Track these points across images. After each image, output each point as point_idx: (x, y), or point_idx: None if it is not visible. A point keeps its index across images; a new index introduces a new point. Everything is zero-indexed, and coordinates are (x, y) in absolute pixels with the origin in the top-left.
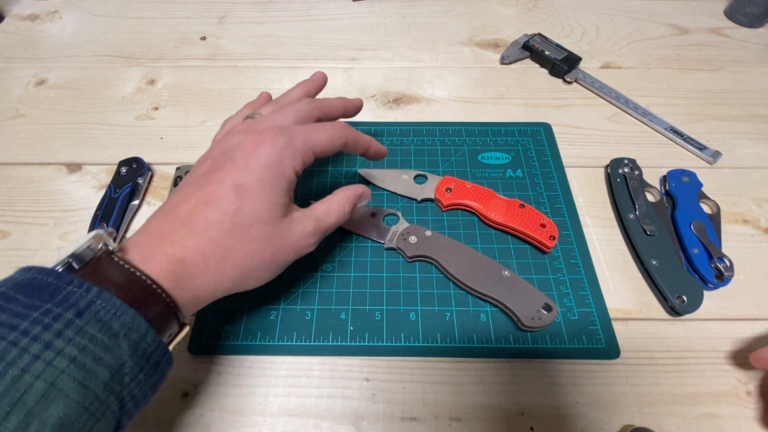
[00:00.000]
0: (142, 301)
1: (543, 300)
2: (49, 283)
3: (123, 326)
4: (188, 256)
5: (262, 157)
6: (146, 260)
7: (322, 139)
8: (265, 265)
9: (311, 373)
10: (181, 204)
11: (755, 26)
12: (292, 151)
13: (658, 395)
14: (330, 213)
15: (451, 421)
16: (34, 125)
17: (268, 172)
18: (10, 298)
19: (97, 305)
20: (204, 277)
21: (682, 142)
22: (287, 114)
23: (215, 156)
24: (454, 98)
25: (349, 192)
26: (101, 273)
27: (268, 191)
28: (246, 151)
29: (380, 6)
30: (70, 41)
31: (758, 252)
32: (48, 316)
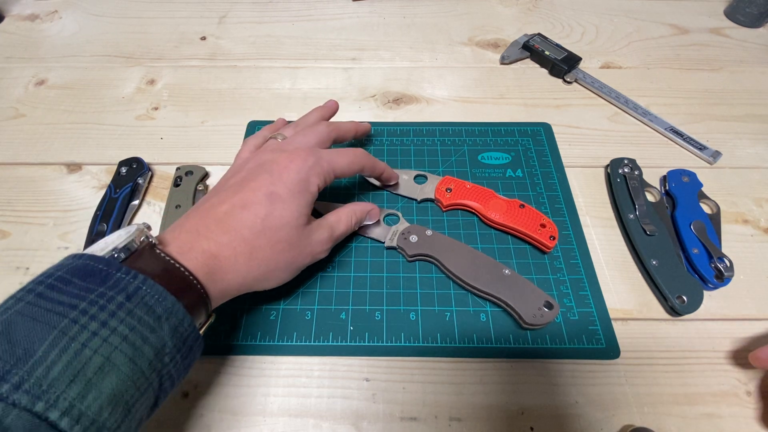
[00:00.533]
0: (180, 290)
1: (544, 298)
2: (101, 269)
3: (165, 311)
4: (221, 251)
5: (293, 172)
6: (184, 253)
7: (343, 163)
8: (286, 266)
9: (311, 373)
10: (218, 206)
11: (755, 26)
12: (318, 170)
13: (658, 395)
14: (340, 222)
15: (451, 421)
16: (34, 125)
17: (298, 185)
18: (68, 281)
19: (143, 291)
20: (233, 272)
21: (682, 142)
22: (310, 136)
23: (251, 168)
24: (454, 98)
25: (357, 207)
26: (145, 263)
27: (296, 201)
28: (280, 165)
29: (380, 6)
30: (70, 41)
31: (758, 252)
32: (103, 298)
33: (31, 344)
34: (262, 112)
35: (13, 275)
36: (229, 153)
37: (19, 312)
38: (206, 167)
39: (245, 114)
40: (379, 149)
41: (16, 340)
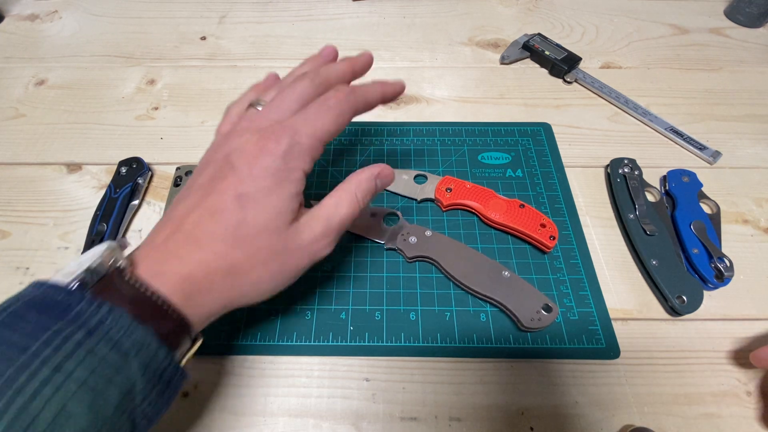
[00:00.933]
0: (154, 318)
1: (543, 300)
2: (60, 300)
3: (134, 345)
4: (195, 271)
5: (266, 162)
6: (157, 276)
7: (327, 124)
8: (272, 276)
9: (311, 373)
10: (187, 216)
11: (755, 26)
12: (298, 151)
13: (658, 395)
14: (340, 205)
15: (451, 421)
16: (34, 125)
17: (273, 178)
18: (22, 317)
19: (107, 324)
20: (212, 293)
21: (682, 142)
22: (289, 99)
23: (218, 160)
24: (454, 98)
25: (362, 175)
26: (113, 289)
27: (274, 199)
28: (248, 156)
29: (380, 6)
30: (70, 41)
31: (758, 252)
32: (58, 336)
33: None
34: None
35: (13, 275)
36: None
37: None
38: None
39: None
40: (379, 149)
41: None
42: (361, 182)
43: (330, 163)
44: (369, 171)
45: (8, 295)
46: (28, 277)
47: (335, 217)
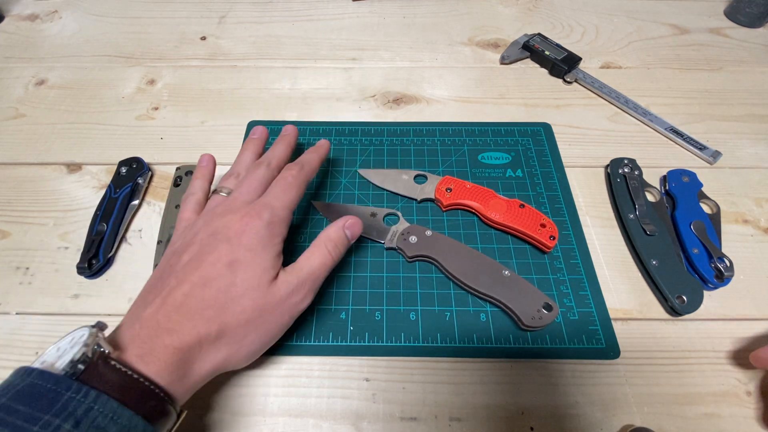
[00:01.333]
0: (140, 400)
1: (543, 299)
2: (49, 389)
3: (121, 430)
4: (186, 341)
5: (253, 232)
6: (145, 356)
7: (293, 197)
8: (259, 333)
9: (311, 373)
10: (176, 289)
11: (755, 26)
12: (278, 221)
13: (658, 395)
14: (311, 258)
15: (451, 421)
16: (34, 125)
17: (260, 244)
18: (12, 411)
19: (94, 411)
20: (202, 360)
21: (682, 142)
22: (254, 185)
23: (203, 239)
24: (454, 98)
25: (330, 230)
26: (99, 375)
27: (259, 260)
28: (236, 230)
29: (380, 6)
30: (70, 41)
31: (758, 252)
32: (48, 428)
33: None
34: (262, 112)
35: (13, 275)
36: (229, 153)
37: None
38: None
39: (245, 114)
40: (379, 149)
41: None
42: (329, 235)
43: (331, 163)
44: (337, 224)
45: (8, 295)
46: (28, 276)
47: (306, 268)
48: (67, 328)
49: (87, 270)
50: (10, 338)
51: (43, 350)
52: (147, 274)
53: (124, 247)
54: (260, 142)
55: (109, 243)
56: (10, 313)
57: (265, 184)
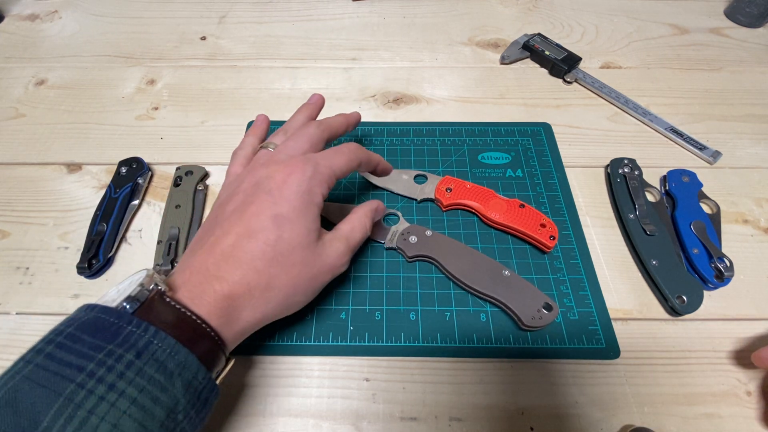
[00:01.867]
0: (193, 339)
1: (543, 299)
2: (112, 323)
3: (177, 365)
4: (235, 289)
5: (294, 186)
6: (196, 298)
7: (341, 163)
8: (305, 288)
9: (311, 373)
10: (222, 239)
11: (755, 26)
12: (319, 179)
13: (658, 395)
14: (355, 230)
15: (451, 421)
16: (34, 125)
17: (301, 200)
18: (77, 339)
19: (154, 345)
20: (250, 309)
21: (682, 142)
22: (301, 141)
23: (246, 189)
24: (454, 98)
25: (366, 208)
26: (156, 313)
27: (303, 218)
28: (278, 182)
29: (380, 6)
30: (70, 41)
31: (758, 252)
32: (111, 357)
33: (36, 414)
34: (262, 112)
35: (13, 275)
36: (228, 153)
37: (26, 377)
38: (206, 167)
39: (245, 114)
40: (379, 149)
41: (22, 409)
42: (367, 213)
43: None
44: (370, 205)
45: (8, 295)
46: (28, 276)
47: (353, 239)
48: None
49: (87, 270)
50: (10, 338)
51: None
52: None
53: (124, 247)
54: (315, 107)
55: (109, 243)
56: (10, 313)
57: (313, 143)
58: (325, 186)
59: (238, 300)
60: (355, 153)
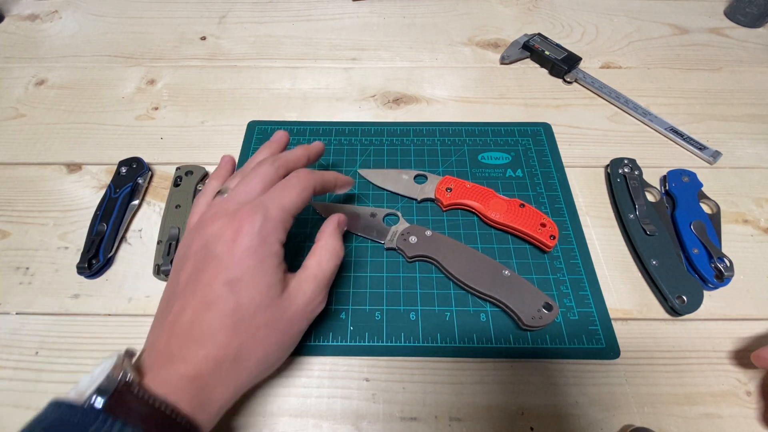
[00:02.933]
0: (165, 429)
1: (543, 299)
2: (77, 422)
3: None
4: (202, 369)
5: (245, 243)
6: (163, 385)
7: (293, 198)
8: (277, 348)
9: (311, 373)
10: (181, 315)
11: (755, 26)
12: (272, 225)
13: (658, 395)
14: (323, 262)
15: (451, 421)
16: (34, 125)
17: (254, 257)
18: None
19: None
20: (222, 385)
21: (682, 142)
22: (254, 182)
23: (197, 252)
24: (454, 98)
25: (329, 228)
26: (125, 405)
27: (260, 276)
28: (226, 240)
29: (380, 6)
30: (70, 41)
31: (758, 252)
32: None
33: None
34: (262, 112)
35: (13, 275)
36: (229, 153)
37: None
38: (206, 167)
39: (245, 114)
40: (379, 149)
41: None
42: (332, 234)
43: (330, 163)
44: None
45: (8, 295)
46: (28, 276)
47: (323, 273)
48: (67, 328)
49: (87, 270)
50: (10, 338)
51: (42, 352)
52: (147, 274)
53: (124, 247)
54: (278, 145)
55: (109, 243)
56: (10, 313)
57: (266, 184)
58: (281, 230)
59: (207, 379)
60: (305, 181)
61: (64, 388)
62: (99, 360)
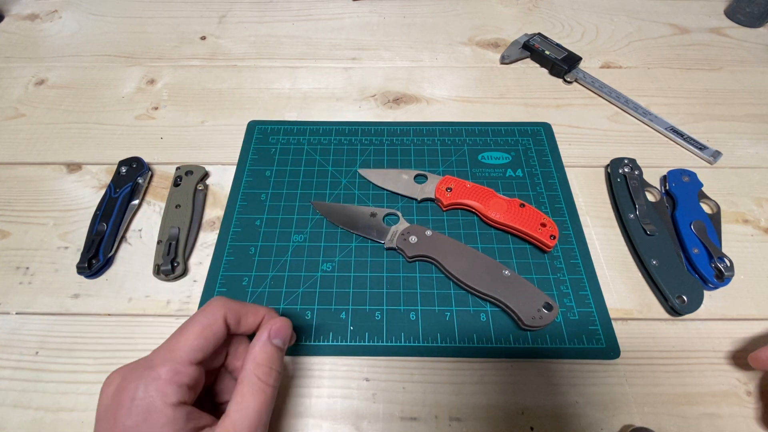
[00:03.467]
0: None
1: (543, 299)
2: None
3: None
4: None
5: (130, 423)
6: None
7: (189, 340)
8: None
9: (311, 373)
10: None
11: (755, 26)
12: (157, 385)
13: (658, 395)
14: (244, 403)
15: (451, 421)
16: (34, 125)
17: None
18: None
19: None
20: None
21: (682, 141)
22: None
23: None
24: (454, 98)
25: (256, 352)
26: None
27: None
28: (108, 419)
29: (380, 6)
30: (70, 41)
31: (758, 252)
32: None
33: None
34: (262, 112)
35: (13, 275)
36: (228, 153)
37: None
38: (206, 167)
39: (245, 114)
40: (379, 149)
41: None
42: (257, 361)
43: (330, 163)
44: (260, 338)
45: (8, 295)
46: (28, 276)
47: (240, 423)
48: (67, 328)
49: (87, 270)
50: (10, 338)
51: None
52: (147, 274)
53: (124, 246)
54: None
55: (109, 243)
56: (10, 313)
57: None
58: (171, 390)
59: None
60: (212, 312)
61: (64, 388)
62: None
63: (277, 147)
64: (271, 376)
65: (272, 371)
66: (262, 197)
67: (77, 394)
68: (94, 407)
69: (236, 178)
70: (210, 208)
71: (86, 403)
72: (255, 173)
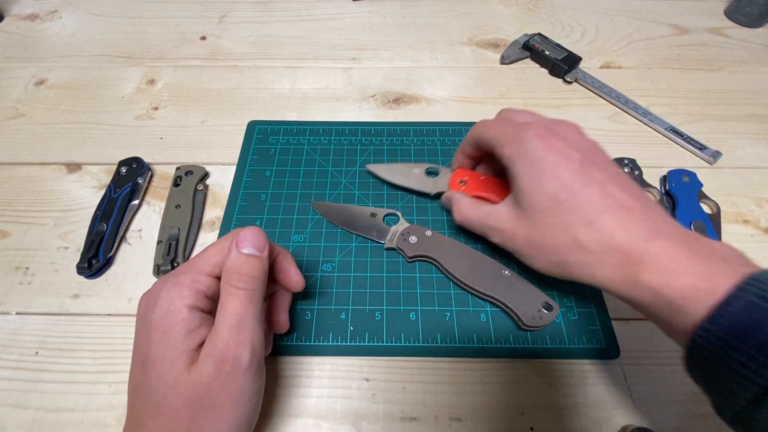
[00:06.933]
0: None
1: (543, 299)
2: None
3: None
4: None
5: (152, 316)
6: None
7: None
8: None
9: (311, 373)
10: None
11: (755, 26)
12: (176, 290)
13: (658, 395)
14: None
15: (451, 421)
16: (34, 125)
17: (158, 330)
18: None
19: None
20: None
21: (682, 142)
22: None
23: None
24: (454, 98)
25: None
26: None
27: (162, 351)
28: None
29: (380, 6)
30: (70, 41)
31: (758, 252)
32: None
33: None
34: (262, 112)
35: (13, 275)
36: (228, 153)
37: None
38: (206, 167)
39: (245, 114)
40: (379, 149)
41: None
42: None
43: (330, 163)
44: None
45: (8, 295)
46: (28, 276)
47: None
48: (67, 328)
49: (87, 270)
50: (10, 338)
51: (42, 352)
52: (147, 274)
53: (124, 247)
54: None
55: (109, 243)
56: (10, 313)
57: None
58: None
59: None
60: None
61: (64, 388)
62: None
63: (277, 147)
64: (241, 281)
65: (241, 276)
66: (262, 197)
67: (77, 394)
68: (94, 407)
69: (236, 178)
70: (210, 208)
71: (86, 403)
72: (255, 173)
